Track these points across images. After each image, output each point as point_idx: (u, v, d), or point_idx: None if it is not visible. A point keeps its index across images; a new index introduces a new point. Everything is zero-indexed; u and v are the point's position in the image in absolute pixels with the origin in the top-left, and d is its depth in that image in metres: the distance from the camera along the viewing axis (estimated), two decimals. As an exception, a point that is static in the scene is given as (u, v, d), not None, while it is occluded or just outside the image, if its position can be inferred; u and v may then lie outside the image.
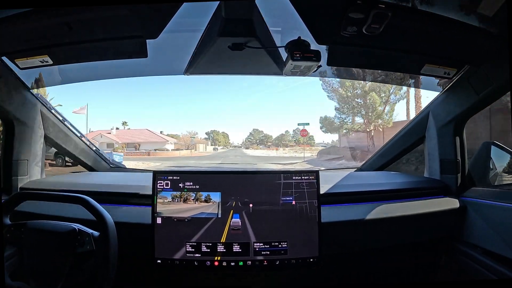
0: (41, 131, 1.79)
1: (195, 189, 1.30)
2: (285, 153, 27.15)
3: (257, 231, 1.28)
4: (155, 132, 26.60)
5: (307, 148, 27.33)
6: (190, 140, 29.83)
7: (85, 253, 1.18)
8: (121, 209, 1.47)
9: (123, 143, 23.63)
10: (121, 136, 24.61)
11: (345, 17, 1.22)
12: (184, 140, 29.13)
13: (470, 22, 1.23)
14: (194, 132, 32.79)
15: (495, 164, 1.68)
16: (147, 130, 26.29)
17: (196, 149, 28.43)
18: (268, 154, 27.35)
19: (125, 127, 28.39)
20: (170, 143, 25.96)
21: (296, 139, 33.65)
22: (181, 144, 27.68)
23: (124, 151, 20.62)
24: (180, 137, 29.67)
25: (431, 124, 1.83)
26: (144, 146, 23.71)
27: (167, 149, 24.37)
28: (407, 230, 1.56)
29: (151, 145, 23.81)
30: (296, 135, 33.98)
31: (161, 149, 23.79)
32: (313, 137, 31.23)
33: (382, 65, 1.65)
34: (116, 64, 1.65)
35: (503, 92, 1.49)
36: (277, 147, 32.69)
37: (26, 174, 1.69)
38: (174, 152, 24.06)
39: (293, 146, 32.46)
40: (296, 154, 23.86)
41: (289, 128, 39.08)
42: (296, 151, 27.05)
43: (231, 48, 1.43)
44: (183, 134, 31.55)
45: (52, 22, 1.28)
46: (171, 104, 55.68)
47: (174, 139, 27.53)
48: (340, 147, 18.93)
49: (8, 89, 1.55)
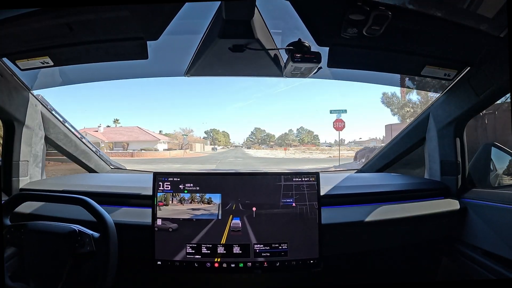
0: (42, 132, 1.79)
1: (195, 190, 1.30)
2: (292, 153, 24.66)
3: (257, 232, 1.28)
4: (146, 130, 24.23)
5: (313, 148, 25.56)
6: (182, 138, 27.03)
7: (85, 254, 1.19)
8: (121, 210, 1.47)
9: (110, 142, 21.83)
10: (109, 135, 22.80)
11: (346, 19, 1.22)
12: (177, 138, 26.82)
13: (470, 23, 1.23)
14: (189, 130, 30.48)
15: (496, 166, 1.68)
16: (138, 128, 24.10)
17: (192, 149, 26.32)
18: (275, 155, 23.79)
19: (116, 124, 27.07)
20: (162, 142, 23.77)
21: (300, 139, 32.68)
22: (174, 144, 25.53)
23: (111, 151, 19.20)
24: (173, 135, 27.36)
25: (431, 126, 1.83)
26: (133, 145, 21.53)
27: (157, 149, 22.03)
28: (407, 232, 1.56)
29: (141, 144, 21.81)
30: (300, 134, 33.02)
31: (148, 149, 21.28)
32: (318, 136, 30.72)
33: (383, 66, 1.64)
34: (117, 65, 1.65)
35: (503, 93, 1.49)
36: (285, 147, 29.96)
37: (27, 175, 1.70)
38: (163, 153, 21.50)
39: (297, 145, 31.02)
40: (310, 156, 20.67)
41: (293, 127, 38.12)
42: (311, 152, 23.73)
43: (231, 49, 1.43)
44: (176, 131, 29.56)
45: (53, 23, 1.28)
46: (170, 104, 55.81)
47: (167, 138, 25.60)
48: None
49: (9, 90, 1.55)
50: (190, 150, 25.12)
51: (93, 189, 1.61)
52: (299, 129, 32.84)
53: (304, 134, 31.47)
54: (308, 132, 32.04)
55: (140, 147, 21.37)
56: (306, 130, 32.33)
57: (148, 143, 22.24)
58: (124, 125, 26.30)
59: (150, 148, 21.38)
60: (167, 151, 22.51)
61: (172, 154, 21.32)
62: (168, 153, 21.46)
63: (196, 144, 28.29)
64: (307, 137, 29.52)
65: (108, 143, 21.63)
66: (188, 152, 24.23)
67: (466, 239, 1.60)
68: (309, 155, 21.63)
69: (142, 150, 20.86)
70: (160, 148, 22.36)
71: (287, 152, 25.42)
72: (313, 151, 23.77)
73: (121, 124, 27.12)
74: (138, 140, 22.28)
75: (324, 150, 24.05)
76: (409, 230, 1.56)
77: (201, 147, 28.72)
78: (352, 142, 26.09)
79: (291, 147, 29.40)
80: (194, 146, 27.50)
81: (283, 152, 25.82)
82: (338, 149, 21.27)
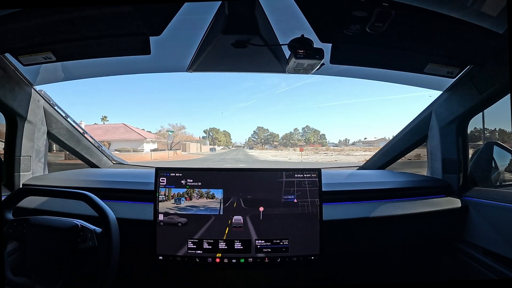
0: (44, 127, 1.79)
1: (197, 186, 1.30)
2: (306, 155, 19.29)
3: (258, 228, 1.28)
4: (132, 127, 20.50)
5: (321, 148, 22.96)
6: (167, 136, 21.77)
7: (87, 249, 1.19)
8: (123, 205, 1.48)
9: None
10: (91, 132, 18.78)
11: (349, 15, 1.22)
12: (164, 137, 21.72)
13: (473, 21, 1.23)
14: (180, 126, 24.45)
15: (497, 164, 1.68)
16: (124, 125, 20.57)
17: (186, 150, 21.80)
18: (288, 157, 17.97)
19: (104, 122, 23.34)
20: (150, 142, 19.74)
21: (306, 138, 30.30)
22: (164, 143, 20.91)
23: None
24: (160, 133, 22.74)
25: (433, 123, 1.83)
26: (116, 144, 17.71)
27: (142, 150, 18.31)
28: (408, 229, 1.57)
29: (125, 144, 18.15)
30: (306, 133, 30.67)
31: (124, 149, 16.81)
32: (325, 135, 29.82)
33: (385, 63, 1.64)
34: (119, 61, 1.65)
35: (506, 92, 1.49)
36: (301, 147, 24.68)
37: (29, 170, 1.70)
38: (142, 155, 17.12)
39: (303, 145, 28.06)
40: (336, 158, 16.10)
41: (298, 126, 36.55)
42: (326, 153, 18.86)
43: (234, 45, 1.43)
44: (165, 128, 23.74)
45: (56, 18, 1.28)
46: (170, 103, 55.81)
47: (153, 136, 21.39)
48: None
49: (11, 86, 1.55)
50: (183, 151, 21.27)
51: (95, 184, 1.61)
52: (305, 128, 31.84)
53: (310, 133, 30.64)
54: (314, 131, 31.23)
55: (127, 146, 17.87)
56: (312, 129, 31.49)
57: (133, 143, 18.94)
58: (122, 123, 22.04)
59: (126, 149, 17.31)
60: (156, 152, 18.86)
61: (156, 156, 17.63)
62: (149, 155, 17.39)
63: (191, 144, 23.48)
64: (314, 136, 28.71)
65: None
66: (180, 153, 20.56)
67: (467, 238, 1.61)
68: (329, 157, 17.56)
69: (115, 151, 15.79)
70: (147, 148, 19.00)
71: (303, 154, 19.77)
72: (325, 151, 20.37)
73: (109, 121, 23.64)
74: (123, 139, 19.08)
75: (335, 150, 21.55)
76: (410, 227, 1.56)
77: (197, 148, 24.08)
78: (360, 142, 25.42)
79: (296, 147, 26.01)
80: (189, 146, 22.95)
81: (296, 153, 20.77)
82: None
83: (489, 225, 1.49)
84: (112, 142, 17.96)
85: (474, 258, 1.55)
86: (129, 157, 14.57)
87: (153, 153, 17.90)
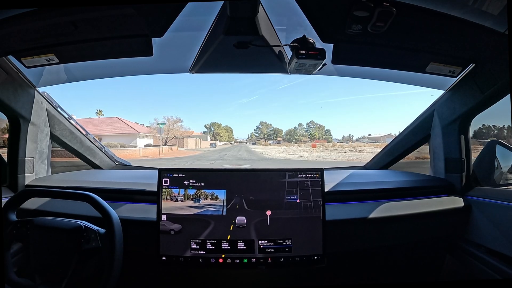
0: (47, 129, 1.80)
1: (200, 186, 1.30)
2: (317, 153, 17.02)
3: (261, 228, 1.28)
4: (126, 121, 19.32)
5: (327, 144, 21.87)
6: (158, 129, 19.95)
7: (91, 249, 1.20)
8: (127, 206, 1.48)
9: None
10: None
11: (350, 15, 1.22)
12: (158, 131, 19.92)
13: (475, 20, 1.23)
14: (175, 120, 22.17)
15: (500, 163, 1.67)
16: (117, 119, 19.29)
17: (184, 145, 20.39)
18: (298, 154, 16.02)
19: (99, 116, 22.60)
20: (144, 136, 18.39)
21: (310, 134, 29.83)
22: (158, 138, 19.30)
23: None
24: (152, 128, 21.01)
25: (436, 123, 1.83)
26: (109, 139, 16.70)
27: (135, 145, 16.79)
28: (411, 229, 1.56)
29: (119, 139, 17.05)
30: (310, 129, 30.21)
31: (110, 145, 13.76)
32: (330, 131, 29.30)
33: (387, 63, 1.64)
34: (122, 62, 1.66)
35: (508, 91, 1.48)
36: (314, 143, 22.60)
37: (32, 172, 1.71)
38: (130, 151, 14.91)
39: (307, 141, 28.12)
40: (355, 155, 14.50)
41: (302, 121, 34.72)
42: (337, 149, 17.21)
43: (236, 46, 1.43)
44: (156, 121, 21.81)
45: (58, 20, 1.29)
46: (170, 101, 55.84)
47: (146, 130, 20.07)
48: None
49: (15, 88, 1.56)
50: (180, 147, 19.72)
51: (98, 185, 1.62)
52: (309, 123, 31.08)
53: (315, 129, 30.02)
54: (319, 127, 30.58)
55: (119, 141, 16.56)
56: (317, 125, 30.79)
57: (127, 138, 17.66)
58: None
59: (113, 144, 15.06)
60: (148, 148, 17.30)
61: (146, 153, 15.69)
62: (138, 152, 15.35)
63: (189, 139, 22.10)
64: (318, 132, 28.18)
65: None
66: (176, 149, 18.89)
67: (470, 237, 1.60)
68: (344, 154, 15.58)
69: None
70: (141, 144, 17.64)
71: (313, 151, 17.59)
72: (333, 147, 18.57)
73: (104, 115, 22.75)
74: (115, 133, 17.97)
75: (342, 146, 20.12)
76: (413, 227, 1.56)
77: (196, 143, 22.87)
78: (366, 138, 25.17)
79: (302, 143, 25.03)
80: (187, 141, 21.56)
81: (302, 149, 18.67)
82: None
83: (492, 224, 1.49)
84: (103, 137, 16.81)
85: (477, 257, 1.54)
86: (116, 153, 12.42)
87: (143, 149, 16.35)
